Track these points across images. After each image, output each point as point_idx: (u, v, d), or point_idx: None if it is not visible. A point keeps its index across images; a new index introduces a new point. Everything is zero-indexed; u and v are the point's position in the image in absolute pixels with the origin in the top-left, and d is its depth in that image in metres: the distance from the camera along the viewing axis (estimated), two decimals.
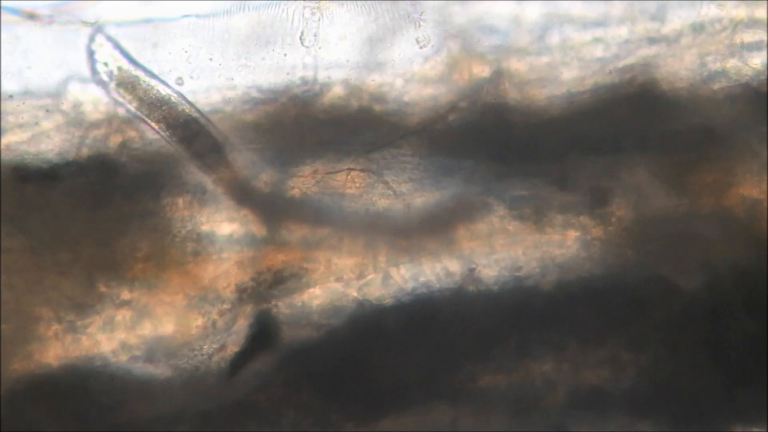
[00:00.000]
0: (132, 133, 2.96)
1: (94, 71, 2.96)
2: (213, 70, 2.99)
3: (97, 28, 2.95)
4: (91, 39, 2.96)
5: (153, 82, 2.97)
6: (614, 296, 2.95)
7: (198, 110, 2.96)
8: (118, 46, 2.97)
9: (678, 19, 3.04)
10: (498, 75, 2.99)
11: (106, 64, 2.96)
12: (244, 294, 2.94)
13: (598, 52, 3.04)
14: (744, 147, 2.99)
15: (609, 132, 3.00)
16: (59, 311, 2.91)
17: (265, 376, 2.93)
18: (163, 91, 2.98)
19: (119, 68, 2.95)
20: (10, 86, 2.97)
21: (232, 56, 3.00)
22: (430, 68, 3.02)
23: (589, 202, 2.98)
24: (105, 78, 2.96)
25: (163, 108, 2.96)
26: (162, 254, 2.93)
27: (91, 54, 2.97)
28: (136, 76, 2.96)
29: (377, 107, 3.00)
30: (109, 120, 2.96)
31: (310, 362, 2.94)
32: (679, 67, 3.02)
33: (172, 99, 2.97)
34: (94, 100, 2.97)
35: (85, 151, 2.95)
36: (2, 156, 2.93)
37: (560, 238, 2.98)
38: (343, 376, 2.94)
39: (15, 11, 2.98)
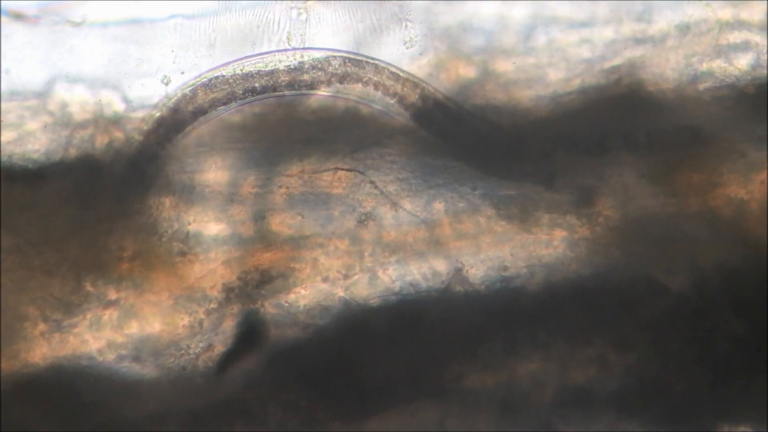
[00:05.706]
0: (118, 134, 2.96)
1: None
2: (199, 71, 2.99)
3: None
4: None
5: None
6: (601, 296, 2.96)
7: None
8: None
9: (664, 19, 3.05)
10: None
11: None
12: (231, 293, 2.94)
13: (585, 52, 3.04)
14: (730, 147, 3.00)
15: (596, 132, 3.01)
16: (46, 311, 2.90)
17: (252, 376, 2.93)
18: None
19: None
20: None
21: (219, 57, 3.00)
22: (417, 69, 3.02)
23: (576, 202, 2.99)
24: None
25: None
26: (149, 254, 2.93)
27: None
28: None
29: (364, 107, 3.00)
30: (96, 120, 2.96)
31: (297, 361, 2.94)
32: (666, 67, 3.03)
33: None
34: (80, 100, 2.97)
35: (71, 152, 2.95)
36: None
37: (547, 237, 2.98)
38: (331, 375, 2.94)
39: (1, 11, 2.98)
